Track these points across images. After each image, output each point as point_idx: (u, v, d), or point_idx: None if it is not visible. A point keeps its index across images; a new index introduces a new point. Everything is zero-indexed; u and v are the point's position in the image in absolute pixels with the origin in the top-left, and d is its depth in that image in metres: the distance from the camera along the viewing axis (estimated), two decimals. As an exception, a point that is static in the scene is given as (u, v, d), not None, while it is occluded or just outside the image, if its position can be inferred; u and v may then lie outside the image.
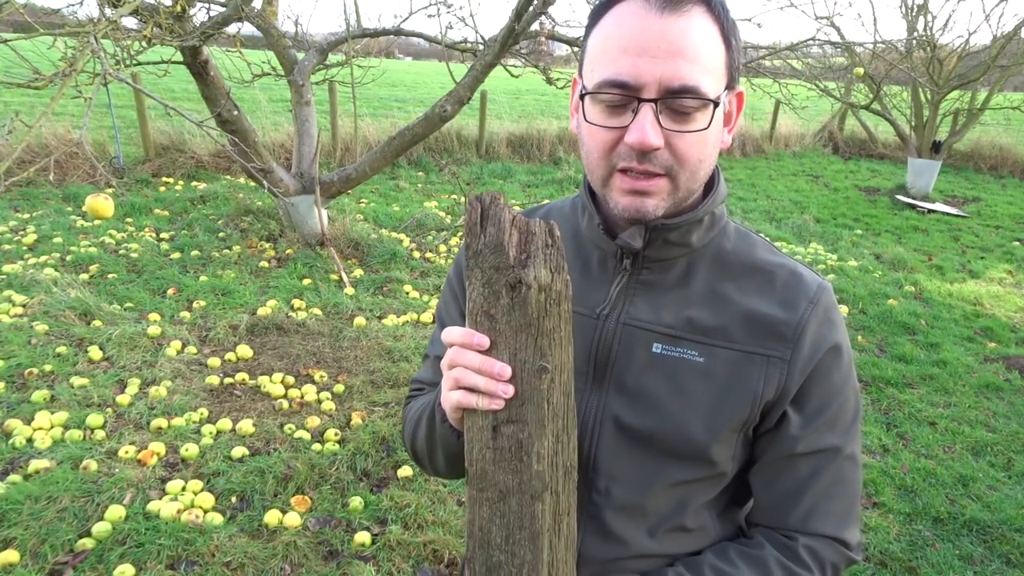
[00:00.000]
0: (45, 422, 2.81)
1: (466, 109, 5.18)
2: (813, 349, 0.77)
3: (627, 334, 0.79)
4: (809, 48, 6.48)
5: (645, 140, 0.67)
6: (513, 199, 7.61)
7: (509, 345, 0.64)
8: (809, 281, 0.80)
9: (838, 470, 0.80)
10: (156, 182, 6.84)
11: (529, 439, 0.65)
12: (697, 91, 0.67)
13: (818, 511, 0.80)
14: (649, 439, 0.78)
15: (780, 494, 0.81)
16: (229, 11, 4.12)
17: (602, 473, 0.80)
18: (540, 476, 0.66)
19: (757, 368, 0.77)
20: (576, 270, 0.84)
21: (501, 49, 4.37)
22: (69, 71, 2.49)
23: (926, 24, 8.97)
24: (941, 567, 2.49)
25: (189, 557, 2.22)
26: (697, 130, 0.69)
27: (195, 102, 7.87)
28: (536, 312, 0.63)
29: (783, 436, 0.79)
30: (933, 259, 6.48)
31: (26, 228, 5.13)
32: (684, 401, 0.77)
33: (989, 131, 12.34)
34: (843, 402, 0.80)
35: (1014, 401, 3.79)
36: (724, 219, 0.83)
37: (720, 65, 0.70)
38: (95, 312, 3.80)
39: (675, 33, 0.66)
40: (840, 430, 0.80)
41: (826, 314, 0.79)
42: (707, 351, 0.77)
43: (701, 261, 0.80)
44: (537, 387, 0.64)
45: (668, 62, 0.66)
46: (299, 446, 2.85)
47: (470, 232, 0.63)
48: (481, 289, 0.63)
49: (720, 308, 0.78)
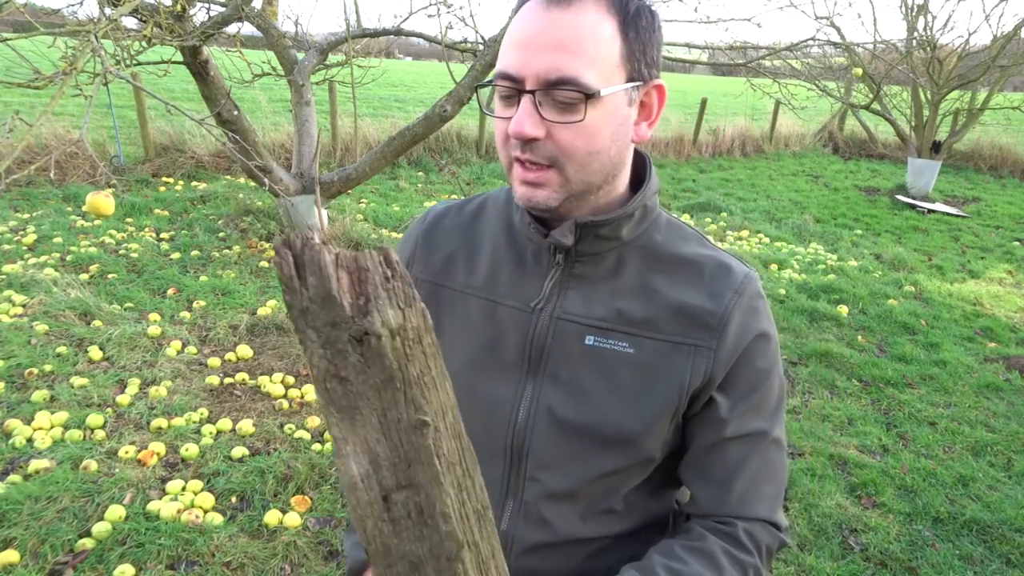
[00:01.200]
0: (45, 422, 2.81)
1: (466, 109, 5.18)
2: (738, 337, 0.79)
3: (560, 327, 0.81)
4: (809, 48, 6.49)
5: (519, 129, 0.70)
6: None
7: (374, 407, 0.54)
8: (736, 272, 0.82)
9: (766, 453, 0.82)
10: (156, 182, 6.84)
11: (428, 501, 0.57)
12: (575, 82, 0.68)
13: (752, 495, 0.81)
14: (581, 429, 0.80)
15: (713, 480, 0.82)
16: (229, 11, 4.12)
17: (534, 462, 0.83)
18: (452, 535, 0.58)
19: (684, 357, 0.79)
20: (511, 263, 0.85)
21: (501, 49, 4.37)
22: (69, 70, 2.49)
23: (926, 24, 8.97)
24: (941, 567, 2.49)
25: (189, 557, 2.22)
26: (576, 120, 0.70)
27: (195, 102, 7.87)
28: (395, 362, 0.53)
29: (711, 421, 0.81)
30: (933, 259, 6.48)
31: (26, 228, 5.13)
32: (615, 392, 0.79)
33: (989, 131, 12.34)
34: (768, 387, 0.82)
35: (1014, 401, 3.79)
36: (656, 212, 0.84)
37: (611, 57, 0.70)
38: (95, 312, 3.80)
39: (558, 27, 0.68)
40: (766, 414, 0.82)
41: (751, 303, 0.81)
42: (637, 342, 0.79)
43: (632, 253, 0.82)
44: (421, 444, 0.56)
45: (548, 55, 0.68)
46: (299, 446, 2.85)
47: (288, 289, 0.51)
48: (322, 352, 0.52)
49: (649, 300, 0.80)
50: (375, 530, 0.58)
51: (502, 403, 0.84)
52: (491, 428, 0.84)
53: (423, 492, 0.57)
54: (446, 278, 0.89)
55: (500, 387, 0.84)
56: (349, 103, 6.70)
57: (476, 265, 0.88)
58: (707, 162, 10.97)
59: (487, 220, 0.91)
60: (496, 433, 0.84)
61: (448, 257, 0.90)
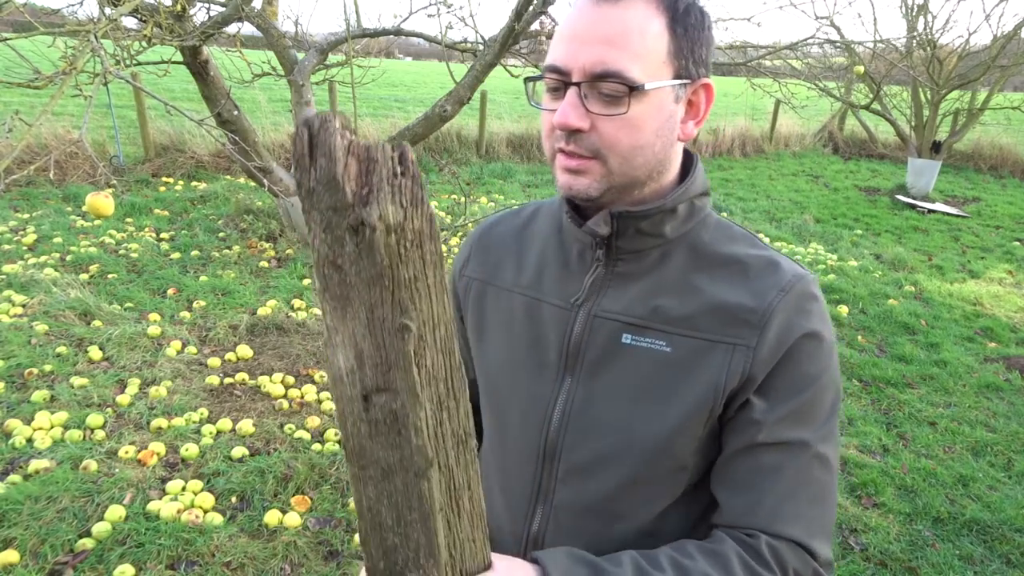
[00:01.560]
0: (45, 422, 2.81)
1: (466, 109, 5.18)
2: (782, 335, 0.74)
3: (597, 325, 0.80)
4: (809, 48, 6.49)
5: (563, 120, 0.70)
6: (513, 199, 7.61)
7: (364, 300, 0.54)
8: (785, 270, 0.78)
9: (807, 468, 0.74)
10: (156, 182, 6.84)
11: (403, 409, 0.57)
12: (620, 75, 0.69)
13: (782, 511, 0.73)
14: (614, 430, 0.79)
15: (740, 487, 0.75)
16: (229, 11, 4.12)
17: (566, 464, 0.82)
18: (422, 451, 0.58)
19: (721, 356, 0.75)
20: (557, 263, 0.86)
21: (501, 49, 4.37)
22: (69, 70, 2.49)
23: (926, 24, 8.97)
24: (941, 567, 2.49)
25: (189, 557, 2.22)
26: (619, 113, 0.70)
27: (195, 102, 7.86)
28: (387, 259, 0.52)
29: (744, 423, 0.75)
30: (933, 259, 6.48)
31: (26, 228, 5.13)
32: (650, 392, 0.77)
33: (989, 131, 12.34)
34: (816, 394, 0.75)
35: (1014, 401, 3.79)
36: (705, 212, 0.82)
37: (658, 53, 0.70)
38: (95, 312, 3.80)
39: (605, 21, 0.69)
40: (810, 424, 0.75)
41: (800, 302, 0.75)
42: (673, 340, 0.77)
43: (676, 252, 0.80)
44: (401, 349, 0.55)
45: (594, 48, 0.69)
46: (299, 446, 2.85)
47: (299, 166, 0.53)
48: (323, 236, 0.53)
49: (689, 298, 0.78)
50: (354, 428, 0.58)
51: (538, 402, 0.83)
52: (527, 427, 0.84)
53: (399, 399, 0.57)
54: (495, 277, 0.91)
55: (538, 385, 0.83)
56: (349, 103, 6.70)
57: (525, 265, 0.89)
58: (707, 162, 10.97)
59: (539, 223, 0.92)
60: (531, 432, 0.84)
61: (500, 258, 0.92)
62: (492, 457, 0.92)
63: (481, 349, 0.91)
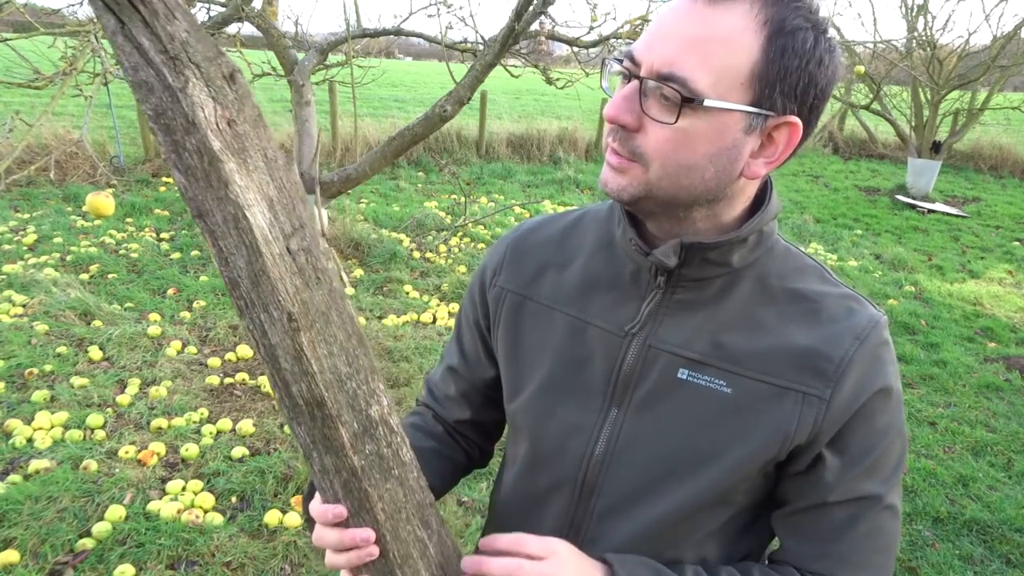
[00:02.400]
0: (45, 422, 2.81)
1: (466, 109, 5.18)
2: (857, 390, 0.69)
3: (652, 356, 0.74)
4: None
5: (612, 112, 0.66)
6: (513, 199, 7.62)
7: (257, 147, 0.57)
8: (860, 314, 0.72)
9: (877, 520, 0.73)
10: (156, 182, 6.84)
11: (314, 240, 0.61)
12: (682, 82, 0.62)
13: (851, 561, 0.73)
14: (662, 470, 0.74)
15: (811, 538, 0.74)
16: (229, 11, 4.12)
17: (605, 500, 0.77)
18: (337, 276, 0.63)
19: (790, 405, 0.70)
20: (606, 282, 0.79)
21: (501, 49, 4.37)
22: (69, 70, 2.49)
23: (926, 24, 8.98)
24: (941, 567, 2.49)
25: (189, 557, 2.22)
26: (665, 122, 0.64)
27: (195, 102, 7.85)
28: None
29: (817, 482, 0.72)
30: (933, 259, 6.48)
31: (26, 228, 5.13)
32: (705, 433, 0.72)
33: (989, 131, 12.35)
34: (887, 448, 0.72)
35: (1014, 401, 3.80)
36: (772, 238, 0.75)
37: (738, 70, 0.62)
38: (95, 312, 3.80)
39: (695, 20, 0.62)
40: (881, 478, 0.72)
41: (875, 352, 0.70)
42: (736, 381, 0.71)
43: (741, 282, 0.74)
44: (296, 180, 0.61)
45: (670, 47, 0.63)
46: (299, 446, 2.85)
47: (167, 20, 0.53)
48: (207, 91, 0.54)
49: (755, 335, 0.72)
50: (292, 288, 0.58)
51: (580, 431, 0.78)
52: (565, 455, 0.78)
53: (307, 231, 0.59)
54: (533, 291, 0.83)
55: (580, 414, 0.78)
56: (349, 103, 6.70)
57: (566, 280, 0.81)
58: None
59: (583, 234, 0.84)
60: (569, 462, 0.78)
61: (538, 269, 0.84)
62: (521, 483, 0.85)
63: (516, 369, 0.84)
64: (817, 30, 0.63)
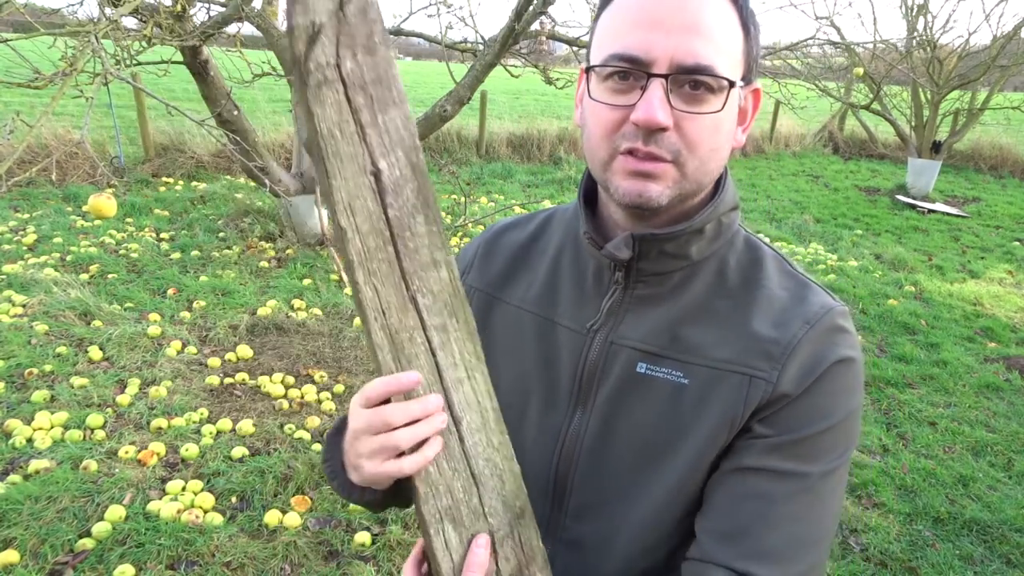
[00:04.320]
0: (45, 422, 2.81)
1: (466, 109, 5.18)
2: (804, 372, 0.68)
3: (613, 353, 0.74)
4: (809, 48, 6.49)
5: (653, 117, 0.62)
6: (513, 199, 7.62)
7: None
8: (812, 302, 0.71)
9: (799, 503, 0.67)
10: (156, 182, 6.84)
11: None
12: (712, 70, 0.62)
13: (762, 547, 0.66)
14: (629, 467, 0.74)
15: (721, 512, 0.69)
16: (229, 11, 4.12)
17: (576, 500, 0.77)
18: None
19: (737, 388, 0.69)
20: (571, 281, 0.79)
21: (501, 49, 4.37)
22: (70, 71, 2.49)
23: (926, 24, 8.97)
24: (941, 567, 2.49)
25: (189, 557, 2.22)
26: (711, 112, 0.63)
27: (195, 102, 7.87)
28: None
29: (739, 448, 0.69)
30: (933, 259, 6.48)
31: (26, 228, 5.13)
32: (667, 425, 0.71)
33: (989, 131, 12.34)
34: (826, 430, 0.68)
35: (1014, 401, 3.79)
36: (733, 230, 0.76)
37: (737, 51, 0.65)
38: (95, 312, 3.80)
39: (692, 8, 0.62)
40: (811, 458, 0.68)
41: (826, 336, 0.69)
42: (692, 371, 0.71)
43: (700, 275, 0.74)
44: None
45: (683, 37, 0.61)
46: (299, 446, 2.85)
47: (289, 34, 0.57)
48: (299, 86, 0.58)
49: (710, 326, 0.72)
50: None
51: (548, 432, 0.78)
52: (537, 459, 0.78)
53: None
54: (501, 291, 0.84)
55: (548, 413, 0.78)
56: (349, 103, 6.69)
57: (535, 280, 0.82)
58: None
59: (551, 235, 0.84)
60: (540, 462, 0.78)
61: (506, 270, 0.85)
62: None
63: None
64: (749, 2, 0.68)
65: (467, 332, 0.65)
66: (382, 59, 0.58)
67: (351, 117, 0.58)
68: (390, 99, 0.59)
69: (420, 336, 0.63)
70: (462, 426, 0.65)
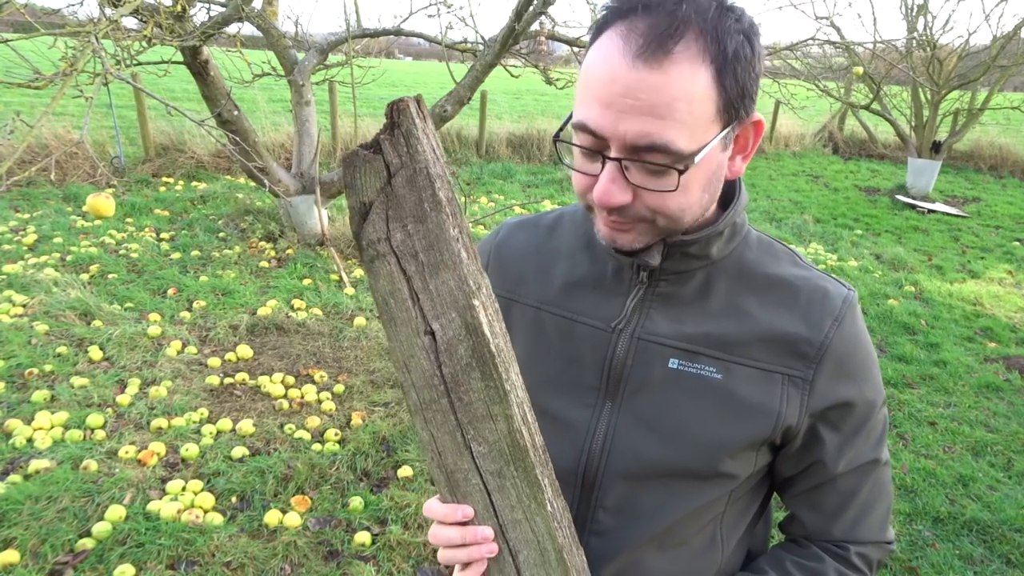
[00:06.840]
0: (45, 422, 2.81)
1: (466, 109, 5.18)
2: (838, 369, 0.75)
3: (642, 349, 0.77)
4: (809, 48, 6.48)
5: (605, 200, 0.66)
6: (513, 199, 7.62)
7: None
8: (834, 296, 0.76)
9: (877, 478, 0.81)
10: (156, 182, 6.84)
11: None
12: (666, 149, 0.63)
13: (863, 522, 0.81)
14: (660, 461, 0.76)
15: (823, 511, 0.81)
16: (229, 11, 4.12)
17: (607, 492, 0.79)
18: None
19: (777, 387, 0.74)
20: (590, 280, 0.82)
21: (501, 49, 4.37)
22: (70, 71, 2.49)
23: (926, 24, 8.97)
24: (941, 567, 2.49)
25: (189, 557, 2.22)
26: (668, 190, 0.66)
27: (195, 102, 7.87)
28: None
29: (822, 459, 0.78)
30: (933, 259, 6.48)
31: (26, 228, 5.13)
32: (700, 420, 0.75)
33: (989, 131, 12.34)
34: (875, 415, 0.79)
35: (1014, 401, 3.80)
36: (745, 229, 0.80)
37: (705, 115, 0.63)
38: (95, 312, 3.80)
39: (645, 89, 0.61)
40: (873, 443, 0.80)
41: (852, 330, 0.76)
42: (725, 368, 0.75)
43: (721, 273, 0.78)
44: None
45: (635, 119, 0.62)
46: (299, 446, 2.85)
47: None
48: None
49: (740, 322, 0.76)
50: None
51: (576, 428, 0.80)
52: (563, 453, 0.80)
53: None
54: (519, 293, 0.86)
55: (575, 410, 0.80)
56: (349, 103, 6.70)
57: (551, 280, 0.84)
58: (707, 162, 10.94)
59: (563, 235, 0.87)
60: (568, 458, 0.80)
61: (522, 272, 0.87)
62: None
63: None
64: (748, 33, 0.64)
65: (526, 480, 0.68)
66: (433, 225, 0.60)
67: (404, 285, 0.62)
68: (441, 263, 0.61)
69: (476, 478, 0.68)
70: (519, 558, 0.70)
